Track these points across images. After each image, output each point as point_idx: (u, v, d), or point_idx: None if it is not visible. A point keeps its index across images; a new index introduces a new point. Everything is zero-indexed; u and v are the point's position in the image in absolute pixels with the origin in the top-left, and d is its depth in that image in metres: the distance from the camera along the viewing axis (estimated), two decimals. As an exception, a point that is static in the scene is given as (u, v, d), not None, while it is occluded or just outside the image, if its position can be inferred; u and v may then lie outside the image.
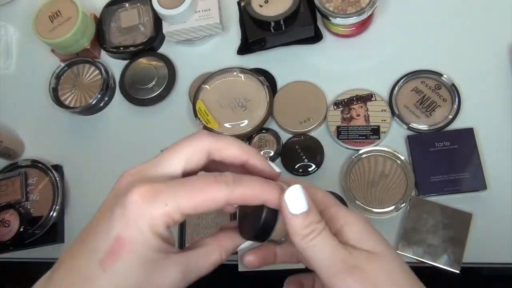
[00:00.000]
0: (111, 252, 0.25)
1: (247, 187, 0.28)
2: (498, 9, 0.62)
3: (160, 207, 0.26)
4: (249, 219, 0.31)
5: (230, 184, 0.27)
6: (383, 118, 0.60)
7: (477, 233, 0.53)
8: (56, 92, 0.71)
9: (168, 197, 0.26)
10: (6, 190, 0.67)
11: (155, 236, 0.26)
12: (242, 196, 0.28)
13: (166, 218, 0.26)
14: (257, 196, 0.28)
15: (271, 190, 0.29)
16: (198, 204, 0.27)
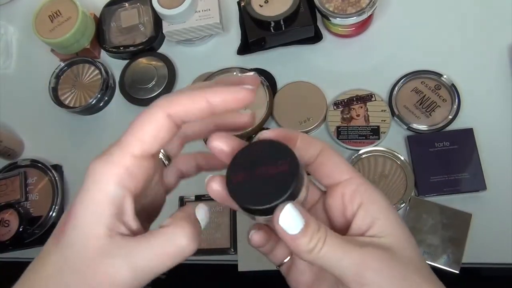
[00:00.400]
0: (61, 225, 0.24)
1: (184, 91, 0.25)
2: (498, 9, 0.62)
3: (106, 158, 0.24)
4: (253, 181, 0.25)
5: (163, 97, 0.25)
6: (383, 118, 0.60)
7: (476, 233, 0.53)
8: (56, 92, 0.71)
9: (112, 147, 0.24)
10: (5, 190, 0.67)
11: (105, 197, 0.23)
12: (180, 102, 0.25)
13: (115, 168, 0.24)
14: (197, 97, 0.25)
15: (214, 86, 0.25)
16: (140, 135, 0.24)
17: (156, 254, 0.24)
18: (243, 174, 0.25)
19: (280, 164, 0.25)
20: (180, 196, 0.62)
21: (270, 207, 0.25)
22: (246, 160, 0.26)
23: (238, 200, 0.25)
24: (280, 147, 0.26)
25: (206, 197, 0.61)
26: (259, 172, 0.25)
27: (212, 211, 0.61)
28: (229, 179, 0.26)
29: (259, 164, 0.25)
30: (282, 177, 0.25)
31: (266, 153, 0.26)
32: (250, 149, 0.26)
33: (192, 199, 0.62)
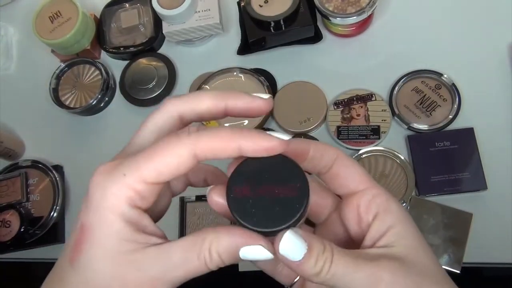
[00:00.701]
0: (76, 244, 0.23)
1: (215, 132, 0.24)
2: (498, 9, 0.62)
3: (118, 179, 0.23)
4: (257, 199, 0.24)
5: (192, 134, 0.23)
6: (383, 118, 0.60)
7: (477, 232, 0.53)
8: (56, 92, 0.71)
9: (125, 166, 0.23)
10: (6, 191, 0.67)
11: (119, 218, 0.23)
12: (210, 144, 0.23)
13: (127, 191, 0.23)
14: (228, 141, 0.23)
15: (247, 132, 0.24)
16: (159, 166, 0.23)
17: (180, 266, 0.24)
18: (246, 189, 0.24)
19: (289, 187, 0.24)
20: (180, 196, 0.62)
21: (273, 231, 0.24)
22: (251, 173, 0.24)
23: (238, 216, 0.24)
24: (292, 167, 0.24)
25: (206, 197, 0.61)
26: (264, 190, 0.24)
27: (212, 211, 0.61)
28: (230, 191, 0.24)
29: (266, 181, 0.24)
30: (289, 202, 0.24)
31: (274, 170, 0.24)
32: (256, 161, 0.24)
33: (193, 199, 0.62)
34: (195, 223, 0.61)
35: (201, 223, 0.61)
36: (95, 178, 0.24)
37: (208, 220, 0.61)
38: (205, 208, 0.62)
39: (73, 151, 0.71)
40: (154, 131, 0.26)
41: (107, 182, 0.23)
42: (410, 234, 0.26)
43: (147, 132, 0.26)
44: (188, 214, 0.62)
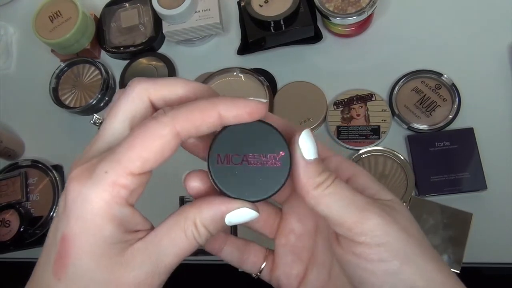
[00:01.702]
0: (60, 257, 0.21)
1: (192, 104, 0.23)
2: (498, 9, 0.62)
3: (100, 179, 0.21)
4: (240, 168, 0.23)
5: (169, 112, 0.22)
6: (383, 118, 0.60)
7: (477, 233, 0.53)
8: (56, 92, 0.71)
9: (105, 162, 0.21)
10: (6, 190, 0.67)
11: (109, 222, 0.21)
12: (190, 117, 0.22)
13: (114, 189, 0.21)
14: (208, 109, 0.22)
15: (224, 98, 0.23)
16: (143, 153, 0.21)
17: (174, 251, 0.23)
18: (228, 157, 0.23)
19: (273, 155, 0.24)
20: (180, 196, 0.62)
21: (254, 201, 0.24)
22: (233, 141, 0.24)
23: (221, 186, 0.23)
24: (274, 134, 0.24)
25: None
26: (247, 158, 0.24)
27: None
28: (213, 161, 0.23)
29: (249, 149, 0.24)
30: (272, 171, 0.24)
31: (256, 137, 0.24)
32: (237, 129, 0.24)
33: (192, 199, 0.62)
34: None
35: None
36: (72, 186, 0.21)
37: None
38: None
39: (73, 151, 0.70)
40: (126, 120, 0.24)
41: (88, 186, 0.21)
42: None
43: (117, 123, 0.24)
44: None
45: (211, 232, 0.24)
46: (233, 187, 0.23)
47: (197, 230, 0.23)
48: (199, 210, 0.24)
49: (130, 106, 0.24)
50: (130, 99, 0.24)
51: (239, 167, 0.24)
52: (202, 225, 0.23)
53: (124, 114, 0.24)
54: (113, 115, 0.24)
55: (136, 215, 0.23)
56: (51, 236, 0.22)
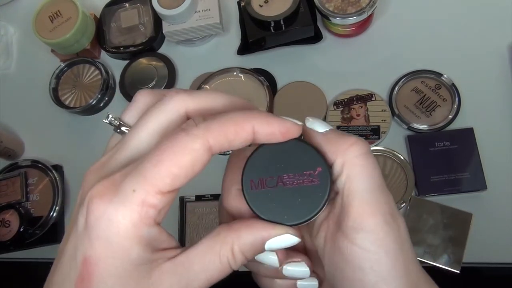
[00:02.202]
0: (82, 280, 0.20)
1: (226, 116, 0.21)
2: (498, 9, 0.62)
3: (127, 198, 0.19)
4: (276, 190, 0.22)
5: (201, 124, 0.21)
6: (383, 118, 0.60)
7: (477, 233, 0.53)
8: (56, 92, 0.71)
9: (132, 179, 0.20)
10: (6, 190, 0.67)
11: (137, 244, 0.20)
12: (223, 130, 0.21)
13: (142, 210, 0.19)
14: (242, 123, 0.21)
15: (259, 113, 0.22)
16: (173, 169, 0.20)
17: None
18: (263, 180, 0.22)
19: (309, 173, 0.22)
20: (180, 196, 0.62)
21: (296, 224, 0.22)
22: (266, 162, 0.23)
23: (259, 212, 0.22)
24: (309, 152, 0.23)
25: (206, 197, 0.61)
26: (283, 179, 0.22)
27: (212, 211, 0.61)
28: (247, 186, 0.23)
29: (283, 169, 0.22)
30: (310, 190, 0.22)
31: (291, 156, 0.22)
32: (270, 149, 0.23)
33: (193, 199, 0.62)
34: (195, 223, 0.61)
35: (201, 223, 0.61)
36: (95, 204, 0.20)
37: (208, 220, 0.61)
38: (204, 208, 0.62)
39: (72, 151, 0.71)
40: (157, 132, 0.22)
41: (114, 205, 0.19)
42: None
43: (147, 133, 0.22)
44: (188, 214, 0.62)
45: (248, 258, 0.22)
46: (271, 211, 0.22)
47: (234, 257, 0.22)
48: (237, 235, 0.22)
49: (164, 118, 0.22)
50: (167, 111, 0.22)
51: (274, 190, 0.22)
52: (240, 251, 0.22)
53: (155, 125, 0.22)
54: (143, 125, 0.22)
55: (162, 234, 0.21)
56: (69, 255, 0.20)
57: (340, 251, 0.23)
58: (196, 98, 0.23)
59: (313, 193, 0.22)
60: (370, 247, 0.22)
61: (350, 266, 0.23)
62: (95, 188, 0.20)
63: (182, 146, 0.20)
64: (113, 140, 0.25)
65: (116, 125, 0.24)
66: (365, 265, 0.22)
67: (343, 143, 0.23)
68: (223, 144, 0.21)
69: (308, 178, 0.22)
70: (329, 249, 0.24)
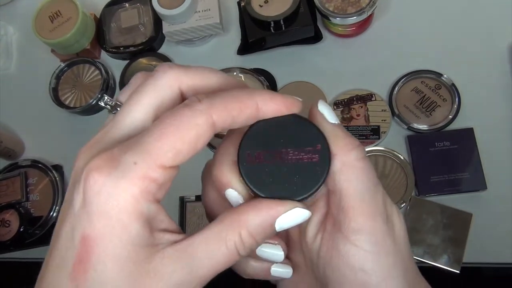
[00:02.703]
0: (80, 260, 0.19)
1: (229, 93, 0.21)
2: (498, 9, 0.62)
3: (128, 171, 0.18)
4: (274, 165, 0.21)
5: (204, 100, 0.20)
6: (383, 118, 0.60)
7: (477, 233, 0.53)
8: (56, 92, 0.71)
9: (133, 152, 0.19)
10: (6, 190, 0.67)
11: (137, 220, 0.19)
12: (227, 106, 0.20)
13: (143, 183, 0.19)
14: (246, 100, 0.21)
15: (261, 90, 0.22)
16: (176, 144, 0.19)
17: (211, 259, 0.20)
18: (260, 154, 0.21)
19: (308, 149, 0.22)
20: (180, 196, 0.62)
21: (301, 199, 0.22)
22: (264, 136, 0.22)
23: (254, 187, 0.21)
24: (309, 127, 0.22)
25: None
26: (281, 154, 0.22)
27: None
28: (243, 159, 0.21)
29: (281, 144, 0.22)
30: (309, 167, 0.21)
31: (290, 131, 0.22)
32: (268, 123, 0.22)
33: (193, 199, 0.62)
34: (195, 223, 0.61)
35: (201, 222, 0.61)
36: (93, 177, 0.19)
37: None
38: (205, 208, 0.61)
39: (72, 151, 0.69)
40: (152, 108, 0.21)
41: (114, 177, 0.18)
42: None
43: (139, 111, 0.21)
44: (188, 213, 0.62)
45: (258, 242, 0.21)
46: (268, 186, 0.21)
47: (242, 240, 0.21)
48: (244, 218, 0.21)
49: (157, 94, 0.21)
50: (159, 86, 0.21)
51: (271, 164, 0.21)
52: (249, 234, 0.21)
53: (149, 102, 0.21)
54: (136, 102, 0.21)
55: (162, 213, 0.20)
56: (66, 236, 0.19)
57: (340, 253, 0.23)
58: (190, 74, 0.22)
59: (312, 169, 0.21)
60: (371, 248, 0.22)
61: (350, 268, 0.23)
62: (92, 162, 0.19)
63: (186, 121, 0.19)
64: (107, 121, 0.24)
65: (112, 105, 0.23)
66: (366, 266, 0.22)
67: (349, 143, 0.23)
68: (226, 120, 0.20)
69: (307, 154, 0.22)
70: (325, 251, 0.24)
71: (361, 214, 0.22)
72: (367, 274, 0.22)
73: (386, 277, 0.23)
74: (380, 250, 0.23)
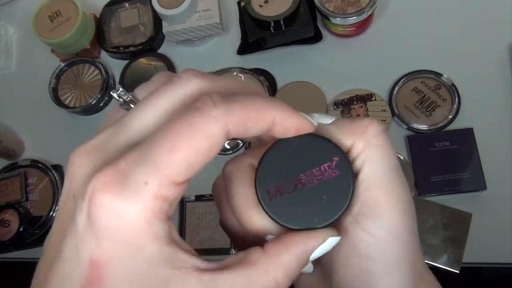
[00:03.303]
0: (90, 283, 0.17)
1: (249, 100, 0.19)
2: (498, 9, 0.62)
3: (138, 192, 0.17)
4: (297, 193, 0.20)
5: (221, 105, 0.18)
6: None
7: (477, 233, 0.53)
8: (56, 92, 0.71)
9: (143, 169, 0.17)
10: (6, 190, 0.67)
11: (151, 242, 0.17)
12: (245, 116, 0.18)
13: (155, 204, 0.17)
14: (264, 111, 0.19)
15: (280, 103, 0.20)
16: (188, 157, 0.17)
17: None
18: (280, 186, 0.20)
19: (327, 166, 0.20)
20: (180, 196, 0.62)
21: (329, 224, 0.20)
22: (278, 164, 0.20)
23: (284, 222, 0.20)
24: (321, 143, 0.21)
25: (206, 196, 0.61)
26: (300, 179, 0.20)
27: (212, 211, 0.61)
28: (264, 197, 0.20)
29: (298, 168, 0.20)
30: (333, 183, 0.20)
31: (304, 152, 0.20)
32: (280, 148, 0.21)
33: (192, 199, 0.62)
34: (195, 223, 0.61)
35: (200, 223, 0.61)
36: (100, 199, 0.17)
37: (207, 220, 0.61)
38: (204, 208, 0.62)
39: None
40: (166, 115, 0.19)
41: (123, 200, 0.17)
42: None
43: (153, 116, 0.19)
44: (188, 213, 0.62)
45: (292, 279, 0.20)
46: (298, 217, 0.20)
47: (278, 285, 0.19)
48: (279, 262, 0.19)
49: (175, 101, 0.19)
50: (179, 93, 0.19)
51: (294, 194, 0.20)
52: (286, 276, 0.19)
53: (165, 108, 0.19)
54: (150, 105, 0.19)
55: (174, 231, 0.19)
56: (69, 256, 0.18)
57: (348, 236, 0.21)
58: (214, 83, 0.20)
59: (336, 185, 0.20)
60: (382, 235, 0.21)
61: (356, 253, 0.21)
62: (97, 178, 0.17)
63: (200, 130, 0.17)
64: (114, 116, 0.21)
65: (127, 101, 0.21)
66: (374, 253, 0.21)
67: (357, 125, 0.21)
68: (240, 131, 0.18)
69: (326, 171, 0.20)
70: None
71: (376, 198, 0.21)
72: (373, 262, 0.21)
73: (393, 267, 0.21)
74: (392, 238, 0.21)
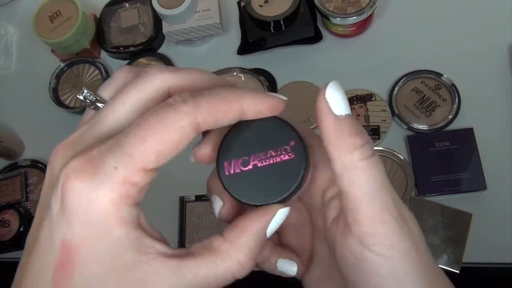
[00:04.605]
0: (62, 266, 0.18)
1: (215, 94, 0.20)
2: (498, 9, 0.62)
3: (108, 175, 0.18)
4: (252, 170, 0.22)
5: (189, 100, 0.19)
6: (383, 118, 0.60)
7: (477, 233, 0.53)
8: (56, 92, 0.71)
9: (114, 155, 0.18)
10: (6, 190, 0.67)
11: (120, 225, 0.18)
12: (213, 108, 0.20)
13: (123, 188, 0.18)
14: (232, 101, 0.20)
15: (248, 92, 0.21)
16: (158, 146, 0.19)
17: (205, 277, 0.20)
18: (237, 162, 0.22)
19: (283, 148, 0.22)
20: (180, 196, 0.62)
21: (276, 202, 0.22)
22: (239, 142, 0.22)
23: (236, 195, 0.22)
24: (281, 126, 0.22)
25: (206, 196, 0.61)
26: (257, 158, 0.22)
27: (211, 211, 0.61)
28: (222, 169, 0.22)
29: (257, 148, 0.22)
30: (287, 165, 0.21)
31: (264, 134, 0.22)
32: (244, 128, 0.22)
33: (192, 199, 0.62)
34: (195, 223, 0.61)
35: (200, 223, 0.61)
36: (72, 183, 0.18)
37: (207, 220, 0.61)
38: (204, 208, 0.62)
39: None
40: (136, 109, 0.21)
41: (94, 184, 0.18)
42: None
43: (123, 111, 0.20)
44: (188, 214, 0.62)
45: (256, 260, 0.21)
46: (250, 193, 0.22)
47: (242, 267, 0.20)
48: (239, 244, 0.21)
49: (144, 96, 0.21)
50: (147, 88, 0.21)
51: (249, 171, 0.22)
52: (249, 258, 0.21)
53: (134, 103, 0.21)
54: (120, 101, 0.21)
55: (142, 217, 0.20)
56: (45, 242, 0.19)
57: (354, 254, 0.22)
58: (180, 76, 0.22)
59: (289, 167, 0.21)
60: (386, 253, 0.22)
61: (365, 271, 0.22)
62: (70, 165, 0.18)
63: (170, 123, 0.19)
64: (87, 116, 0.23)
65: (92, 101, 0.22)
66: (382, 270, 0.22)
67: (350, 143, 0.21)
68: (210, 122, 0.20)
69: (281, 153, 0.22)
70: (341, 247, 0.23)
71: (371, 217, 0.21)
72: (382, 278, 0.22)
73: (403, 281, 0.22)
74: (395, 254, 0.22)
